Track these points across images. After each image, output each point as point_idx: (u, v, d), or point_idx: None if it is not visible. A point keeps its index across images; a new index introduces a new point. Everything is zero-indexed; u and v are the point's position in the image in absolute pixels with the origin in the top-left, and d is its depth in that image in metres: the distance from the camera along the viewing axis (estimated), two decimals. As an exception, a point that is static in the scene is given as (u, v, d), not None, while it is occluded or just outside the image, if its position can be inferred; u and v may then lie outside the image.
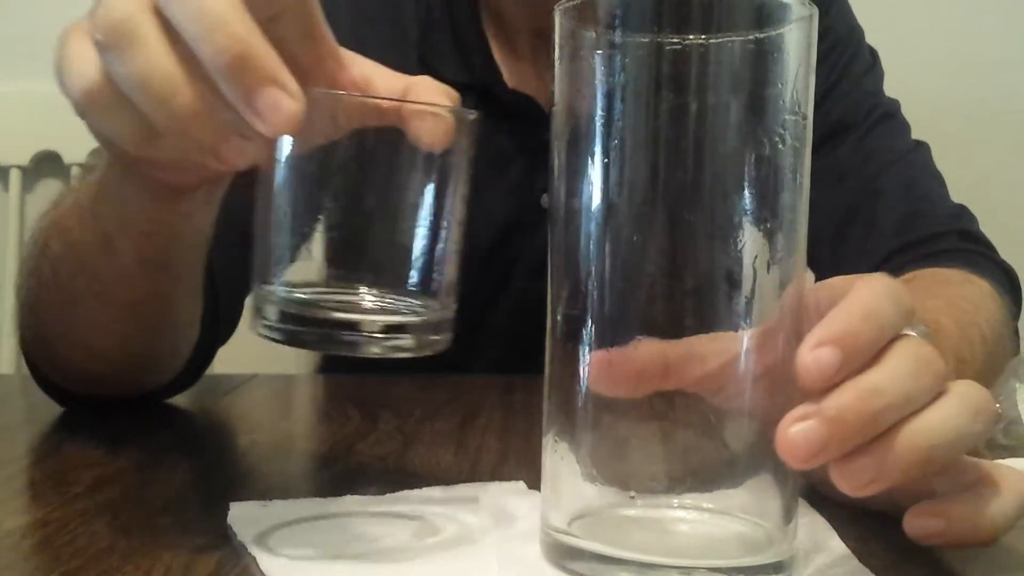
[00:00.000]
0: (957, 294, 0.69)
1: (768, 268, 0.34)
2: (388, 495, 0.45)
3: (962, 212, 0.83)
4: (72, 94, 0.40)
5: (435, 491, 0.46)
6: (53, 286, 0.59)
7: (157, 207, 0.50)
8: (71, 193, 0.59)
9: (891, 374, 0.33)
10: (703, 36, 0.34)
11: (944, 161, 0.86)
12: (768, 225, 0.34)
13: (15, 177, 1.31)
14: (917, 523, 0.36)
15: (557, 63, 0.37)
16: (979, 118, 1.35)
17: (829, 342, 0.32)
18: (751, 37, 0.34)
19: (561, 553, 0.36)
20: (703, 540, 0.35)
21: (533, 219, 0.84)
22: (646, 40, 0.34)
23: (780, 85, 0.34)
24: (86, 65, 0.39)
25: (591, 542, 0.35)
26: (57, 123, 1.31)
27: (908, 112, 0.88)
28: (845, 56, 0.86)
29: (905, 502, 0.37)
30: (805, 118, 0.35)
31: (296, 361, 1.19)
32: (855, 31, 0.89)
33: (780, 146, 0.34)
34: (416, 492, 0.45)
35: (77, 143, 1.32)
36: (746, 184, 0.34)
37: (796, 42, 0.34)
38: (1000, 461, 0.51)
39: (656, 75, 0.34)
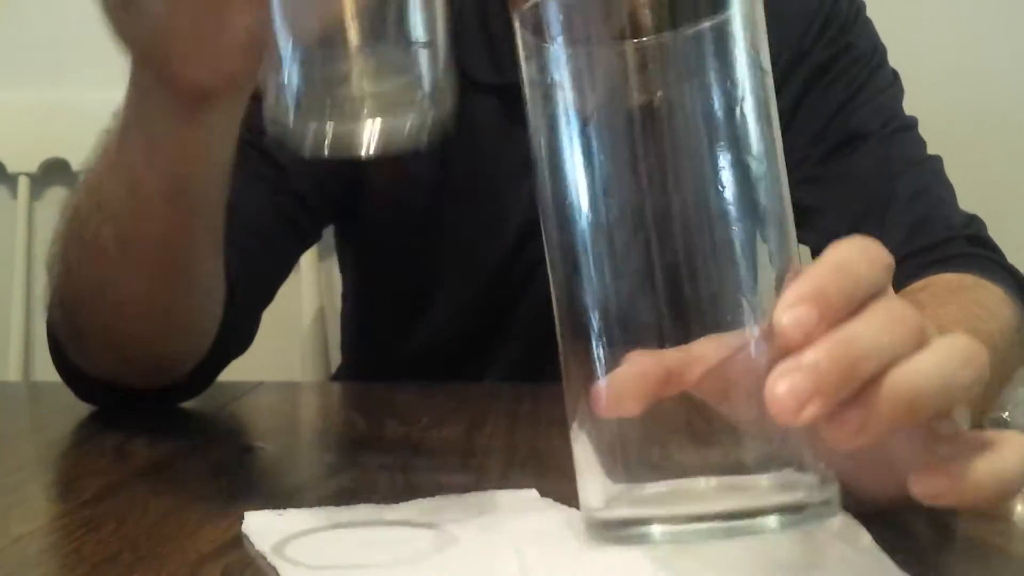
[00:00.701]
0: (971, 299, 0.69)
1: (762, 254, 0.35)
2: (402, 504, 0.45)
3: (973, 219, 0.84)
4: None
5: (449, 499, 0.46)
6: (81, 243, 0.61)
7: (180, 120, 0.53)
8: (97, 151, 0.61)
9: (865, 324, 0.33)
10: (657, 31, 0.34)
11: (951, 169, 0.86)
12: (754, 209, 0.35)
13: (23, 184, 1.31)
14: (923, 482, 0.35)
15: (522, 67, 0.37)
16: (985, 126, 1.35)
17: (804, 300, 0.33)
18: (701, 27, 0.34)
19: (607, 528, 0.36)
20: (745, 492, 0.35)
21: None
22: (606, 41, 0.35)
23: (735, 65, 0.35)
24: None
25: (635, 508, 0.35)
26: (65, 130, 1.32)
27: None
28: (866, 71, 0.86)
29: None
30: (764, 72, 0.35)
31: (302, 369, 1.19)
32: (878, 49, 0.89)
33: (744, 109, 0.35)
34: (429, 500, 0.45)
35: (85, 150, 1.33)
36: (723, 164, 0.34)
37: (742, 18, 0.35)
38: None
39: (621, 71, 0.34)
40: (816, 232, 0.73)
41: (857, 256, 0.35)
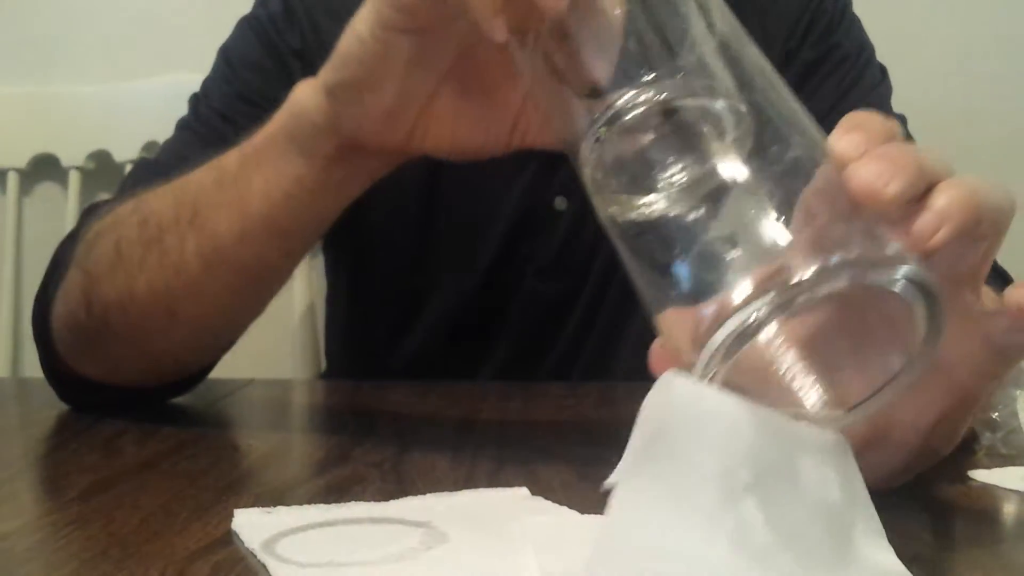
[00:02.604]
0: None
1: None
2: (392, 502, 0.45)
3: None
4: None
5: (440, 497, 0.45)
6: (155, 253, 0.61)
7: (319, 169, 0.56)
8: (202, 168, 0.62)
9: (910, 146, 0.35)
10: None
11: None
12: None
13: (12, 180, 1.30)
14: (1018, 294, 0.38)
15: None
16: (974, 125, 1.35)
17: (849, 131, 0.35)
18: None
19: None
20: None
21: (547, 221, 0.84)
22: None
23: None
24: None
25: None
26: (55, 126, 1.32)
27: (909, 117, 0.88)
28: (854, 71, 0.86)
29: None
30: None
31: (293, 367, 1.19)
32: (865, 48, 0.89)
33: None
34: (420, 498, 0.45)
35: (75, 146, 1.33)
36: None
37: None
38: (999, 470, 0.51)
39: None
40: None
41: (870, 115, 0.37)
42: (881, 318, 0.35)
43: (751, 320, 0.31)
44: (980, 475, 0.50)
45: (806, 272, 0.31)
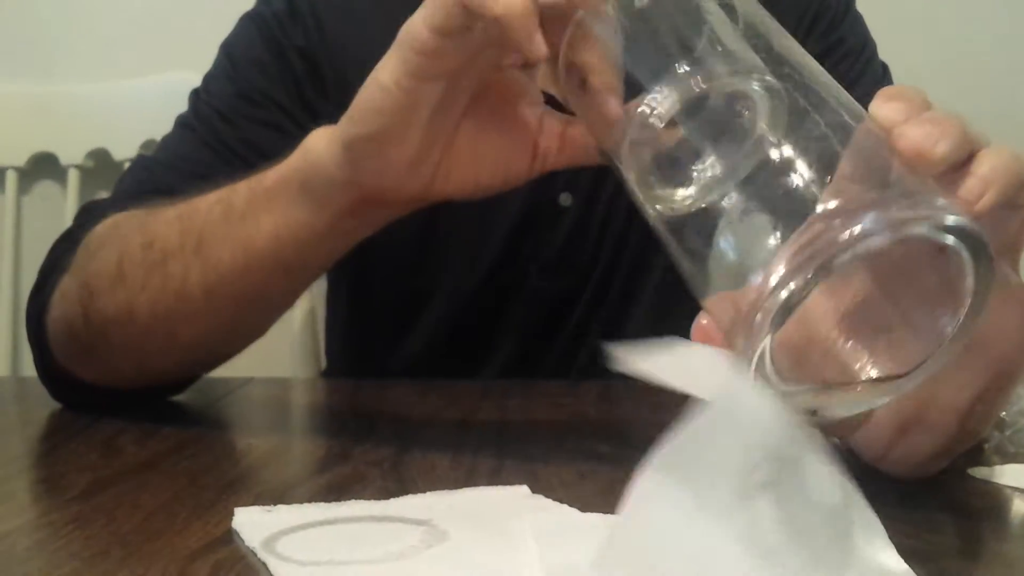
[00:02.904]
0: None
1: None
2: (392, 500, 0.45)
3: None
4: (430, 23, 0.46)
5: (440, 496, 0.45)
6: (159, 277, 0.61)
7: (331, 218, 0.55)
8: (208, 196, 0.61)
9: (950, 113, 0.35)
10: None
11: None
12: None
13: (11, 178, 1.30)
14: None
15: None
16: (977, 121, 1.35)
17: (891, 98, 0.35)
18: None
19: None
20: None
21: (550, 217, 0.84)
22: None
23: None
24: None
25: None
26: (54, 124, 1.32)
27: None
28: (857, 66, 0.86)
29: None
30: None
31: (292, 365, 1.19)
32: (868, 43, 0.89)
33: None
34: (420, 497, 0.45)
35: (74, 145, 1.33)
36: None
37: None
38: (1001, 468, 0.51)
39: None
40: None
41: (906, 87, 0.37)
42: (928, 282, 0.35)
43: (793, 288, 0.31)
44: (983, 473, 0.50)
45: (843, 233, 0.31)
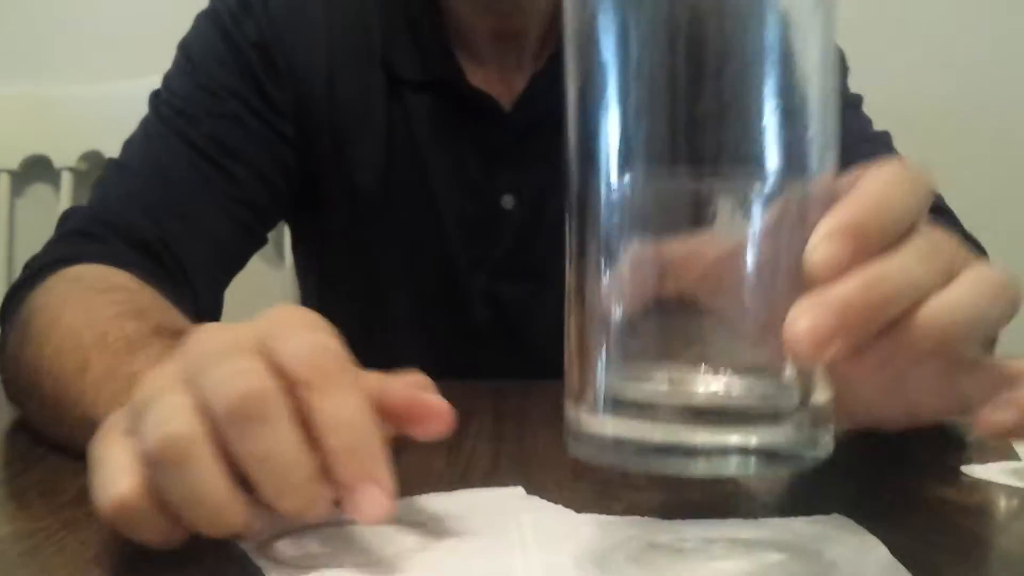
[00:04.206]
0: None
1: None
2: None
3: None
4: (104, 502, 0.37)
5: (435, 497, 0.45)
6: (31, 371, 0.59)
7: None
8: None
9: (900, 261, 0.32)
10: None
11: (938, 159, 0.87)
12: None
13: (4, 181, 1.30)
14: (992, 420, 0.35)
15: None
16: (973, 116, 1.35)
17: (838, 233, 0.31)
18: None
19: (587, 441, 0.36)
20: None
21: (493, 220, 0.84)
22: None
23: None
24: (124, 475, 0.36)
25: (615, 421, 0.35)
26: (47, 127, 1.31)
27: (903, 110, 0.88)
28: (857, 122, 0.87)
29: (925, 413, 0.37)
30: None
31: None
32: (859, 96, 0.89)
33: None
34: (415, 498, 0.45)
35: (67, 147, 1.32)
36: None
37: None
38: (990, 465, 0.51)
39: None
40: None
41: (900, 183, 0.34)
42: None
43: None
44: (971, 470, 0.50)
45: None
